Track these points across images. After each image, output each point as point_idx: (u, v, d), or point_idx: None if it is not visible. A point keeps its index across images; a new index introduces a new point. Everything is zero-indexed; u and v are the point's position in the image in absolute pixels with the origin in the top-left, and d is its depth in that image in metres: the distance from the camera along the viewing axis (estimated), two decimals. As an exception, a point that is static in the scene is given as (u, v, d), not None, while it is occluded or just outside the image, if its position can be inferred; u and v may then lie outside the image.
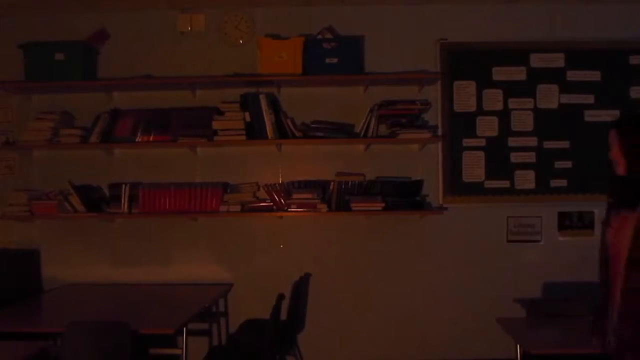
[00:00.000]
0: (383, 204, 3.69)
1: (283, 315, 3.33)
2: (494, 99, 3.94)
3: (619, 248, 2.15)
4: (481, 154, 3.94)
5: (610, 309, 2.21)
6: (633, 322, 2.08)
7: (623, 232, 2.13)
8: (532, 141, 3.93)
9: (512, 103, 3.94)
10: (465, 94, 3.94)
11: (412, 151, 3.93)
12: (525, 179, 3.93)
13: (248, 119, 3.74)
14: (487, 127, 3.94)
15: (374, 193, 3.76)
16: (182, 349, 3.02)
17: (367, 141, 3.82)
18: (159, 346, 3.12)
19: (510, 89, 3.93)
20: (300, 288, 3.63)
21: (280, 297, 3.23)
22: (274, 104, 3.83)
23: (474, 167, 3.94)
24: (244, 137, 3.72)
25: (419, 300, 3.97)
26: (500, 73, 3.94)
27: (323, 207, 3.72)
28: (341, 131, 3.80)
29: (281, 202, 3.81)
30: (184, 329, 2.97)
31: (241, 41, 3.98)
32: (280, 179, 3.94)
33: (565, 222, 3.96)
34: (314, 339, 3.90)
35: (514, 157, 3.93)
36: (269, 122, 3.73)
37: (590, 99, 3.92)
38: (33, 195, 3.85)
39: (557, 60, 3.93)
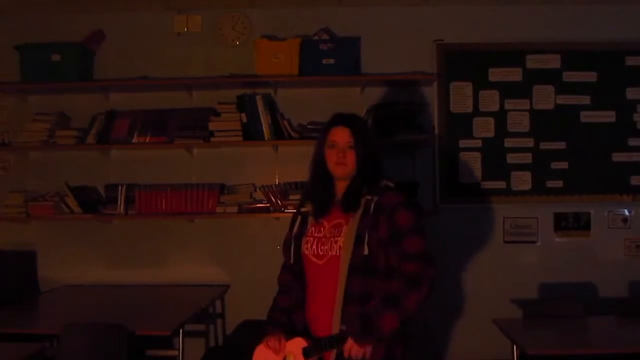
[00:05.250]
0: (380, 205, 3.68)
1: (280, 317, 3.32)
2: (490, 100, 3.95)
3: (334, 255, 2.11)
4: (477, 155, 3.94)
5: (307, 316, 2.21)
6: (353, 324, 2.04)
7: (339, 239, 2.11)
8: (529, 142, 3.93)
9: (508, 104, 3.94)
10: (461, 95, 3.95)
11: (409, 152, 3.93)
12: (522, 180, 3.94)
13: (244, 120, 3.73)
14: (484, 128, 3.94)
15: (371, 194, 3.75)
16: (179, 350, 3.02)
17: (364, 142, 3.81)
18: (156, 347, 3.13)
19: (507, 90, 3.93)
20: (297, 289, 3.61)
21: (277, 298, 3.21)
22: (271, 105, 3.83)
23: (470, 168, 3.94)
24: (240, 138, 3.72)
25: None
26: (496, 74, 3.94)
27: (320, 208, 3.71)
28: (338, 132, 3.79)
29: (278, 203, 3.80)
30: (181, 330, 2.97)
31: (238, 42, 3.98)
32: (277, 180, 3.93)
33: (562, 223, 3.96)
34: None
35: (510, 158, 3.93)
36: (265, 123, 3.73)
37: (586, 100, 3.93)
38: (29, 196, 3.83)
39: (553, 61, 3.94)
